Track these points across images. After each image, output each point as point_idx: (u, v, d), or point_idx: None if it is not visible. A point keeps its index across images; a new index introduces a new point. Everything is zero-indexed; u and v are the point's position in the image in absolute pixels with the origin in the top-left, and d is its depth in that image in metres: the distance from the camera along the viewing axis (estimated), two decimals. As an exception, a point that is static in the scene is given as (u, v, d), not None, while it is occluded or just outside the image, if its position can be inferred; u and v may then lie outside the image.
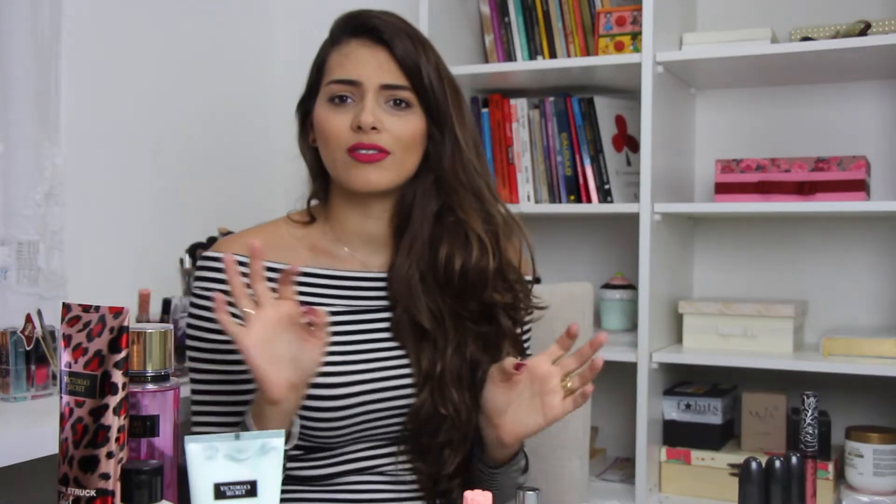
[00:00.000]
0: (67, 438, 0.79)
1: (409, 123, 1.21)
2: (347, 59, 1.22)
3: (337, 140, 1.19)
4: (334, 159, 1.21)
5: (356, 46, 1.22)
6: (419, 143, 1.23)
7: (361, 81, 1.19)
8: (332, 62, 1.23)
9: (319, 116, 1.22)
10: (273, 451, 0.73)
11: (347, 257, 1.27)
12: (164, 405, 0.85)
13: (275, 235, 1.26)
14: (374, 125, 1.17)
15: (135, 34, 2.15)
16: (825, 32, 2.07)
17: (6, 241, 1.81)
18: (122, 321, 0.79)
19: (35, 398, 1.60)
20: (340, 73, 1.21)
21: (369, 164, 1.18)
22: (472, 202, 1.24)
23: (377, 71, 1.20)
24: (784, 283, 2.25)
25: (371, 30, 1.21)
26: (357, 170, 1.19)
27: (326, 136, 1.21)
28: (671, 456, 2.09)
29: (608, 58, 2.12)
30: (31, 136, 1.83)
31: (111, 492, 0.77)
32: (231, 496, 0.72)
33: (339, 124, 1.19)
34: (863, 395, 2.12)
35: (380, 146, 1.18)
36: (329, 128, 1.20)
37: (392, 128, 1.19)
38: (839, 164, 1.96)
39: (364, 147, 1.18)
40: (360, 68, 1.20)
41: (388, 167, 1.19)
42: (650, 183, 2.02)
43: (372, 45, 1.21)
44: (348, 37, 1.23)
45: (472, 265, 1.21)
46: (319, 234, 1.28)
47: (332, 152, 1.21)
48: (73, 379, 0.80)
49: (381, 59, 1.21)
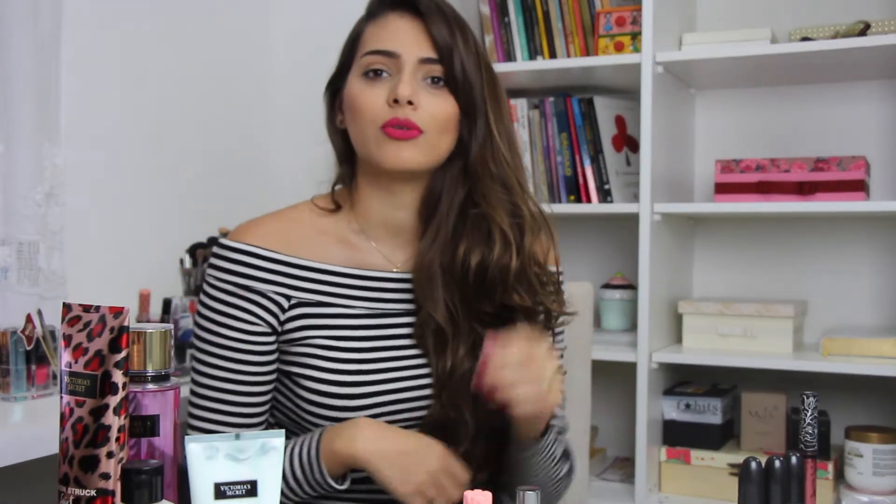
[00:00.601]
0: (68, 438, 0.79)
1: (445, 103, 1.16)
2: (385, 30, 1.17)
3: (371, 115, 1.14)
4: (366, 136, 1.15)
5: (394, 18, 1.17)
6: (453, 126, 1.17)
7: (399, 53, 1.15)
8: (368, 34, 1.19)
9: (352, 91, 1.17)
10: (273, 450, 0.73)
11: (372, 252, 1.22)
12: (164, 405, 0.85)
13: (297, 224, 1.21)
14: (410, 98, 1.12)
15: (135, 34, 2.15)
16: (825, 32, 2.07)
17: (6, 241, 1.81)
18: (122, 321, 0.79)
19: (35, 398, 1.60)
20: (377, 43, 1.16)
21: (402, 140, 1.13)
22: (500, 193, 1.18)
23: (416, 43, 1.15)
24: (784, 283, 2.25)
25: (410, 3, 1.17)
26: (389, 146, 1.13)
27: (359, 110, 1.15)
28: (671, 456, 2.09)
29: (608, 58, 2.12)
30: (31, 136, 1.83)
31: (111, 492, 0.77)
32: (231, 496, 0.72)
33: (373, 99, 1.14)
34: (862, 395, 2.12)
35: (414, 123, 1.13)
36: (362, 102, 1.15)
37: (428, 105, 1.14)
38: (839, 164, 1.96)
39: (399, 123, 1.13)
40: (398, 39, 1.15)
41: (422, 146, 1.14)
42: (650, 183, 2.03)
43: (411, 17, 1.17)
44: (386, 9, 1.19)
45: (493, 262, 1.16)
46: (344, 223, 1.23)
47: (363, 128, 1.15)
48: (74, 379, 0.80)
49: (419, 33, 1.16)
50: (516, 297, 1.17)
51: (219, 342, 1.16)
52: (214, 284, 1.18)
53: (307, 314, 1.17)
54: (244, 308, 1.16)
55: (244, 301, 1.16)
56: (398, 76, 1.14)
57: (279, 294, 1.17)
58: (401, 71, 1.14)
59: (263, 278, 1.16)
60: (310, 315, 1.17)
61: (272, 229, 1.20)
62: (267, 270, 1.17)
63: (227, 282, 1.16)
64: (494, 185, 1.18)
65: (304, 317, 1.17)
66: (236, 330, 1.16)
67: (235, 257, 1.17)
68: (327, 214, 1.23)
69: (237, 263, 1.16)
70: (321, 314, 1.18)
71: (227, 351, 1.16)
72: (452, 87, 1.16)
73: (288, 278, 1.17)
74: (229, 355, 1.16)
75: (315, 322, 1.17)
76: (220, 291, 1.17)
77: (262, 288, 1.16)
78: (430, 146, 1.15)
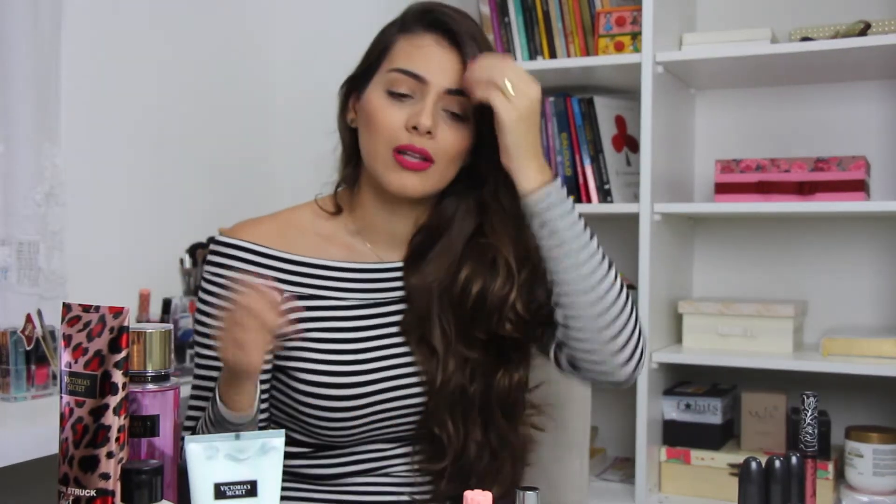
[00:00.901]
0: (67, 438, 0.79)
1: (459, 137, 1.16)
2: (419, 51, 1.16)
3: (387, 134, 1.14)
4: (377, 153, 1.16)
5: (430, 42, 1.16)
6: (462, 157, 1.19)
7: (428, 80, 1.15)
8: (400, 50, 1.17)
9: (372, 104, 1.17)
10: (273, 450, 0.73)
11: (366, 251, 1.24)
12: (164, 405, 0.85)
13: (294, 224, 1.23)
14: (430, 129, 1.13)
15: (135, 34, 2.15)
16: (825, 32, 2.07)
17: (6, 241, 1.81)
18: (122, 321, 0.79)
19: (35, 398, 1.60)
20: (408, 63, 1.16)
21: (411, 171, 1.14)
22: (511, 228, 1.19)
23: (446, 73, 1.15)
24: (784, 283, 2.25)
25: (447, 29, 1.17)
26: (397, 173, 1.15)
27: (376, 128, 1.16)
28: (671, 456, 2.09)
29: (608, 58, 2.12)
30: (31, 136, 1.83)
31: (111, 492, 0.77)
32: (231, 496, 0.72)
33: (393, 119, 1.14)
34: (862, 395, 2.12)
35: (428, 153, 1.14)
36: (381, 120, 1.15)
37: (444, 138, 1.15)
38: (839, 164, 1.96)
39: (413, 151, 1.14)
40: (429, 65, 1.15)
41: (429, 177, 1.16)
42: (650, 183, 2.03)
43: (446, 45, 1.16)
44: (422, 29, 1.18)
45: (493, 292, 1.17)
46: (342, 225, 1.25)
47: (376, 146, 1.16)
48: (74, 379, 0.80)
49: (451, 62, 1.16)
50: (509, 328, 1.19)
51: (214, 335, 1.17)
52: (209, 279, 1.20)
53: (300, 307, 1.18)
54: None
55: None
56: (422, 102, 1.14)
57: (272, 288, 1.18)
58: (425, 97, 1.14)
59: (258, 273, 1.17)
60: (303, 308, 1.18)
61: (268, 227, 1.22)
62: (259, 265, 1.19)
63: (221, 276, 1.17)
64: (506, 219, 1.19)
65: (298, 310, 1.17)
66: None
67: (229, 252, 1.19)
68: (328, 217, 1.25)
69: (231, 258, 1.19)
70: (314, 307, 1.19)
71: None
72: (478, 118, 1.16)
73: (280, 273, 1.19)
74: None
75: (309, 314, 1.19)
76: (214, 286, 1.18)
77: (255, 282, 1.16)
78: (438, 176, 1.17)
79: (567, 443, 1.44)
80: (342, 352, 1.18)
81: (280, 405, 1.21)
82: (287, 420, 1.21)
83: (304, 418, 1.17)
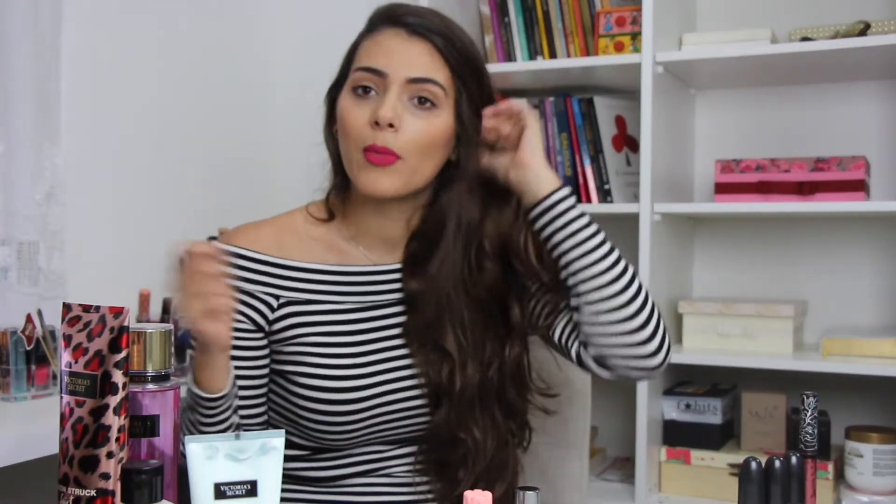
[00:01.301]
0: (68, 438, 0.79)
1: (430, 125, 1.14)
2: (378, 46, 1.16)
3: (355, 136, 1.14)
4: (349, 157, 1.16)
5: (390, 35, 1.16)
6: (440, 148, 1.17)
7: (387, 73, 1.13)
8: (363, 49, 1.18)
9: (341, 107, 1.17)
10: (273, 450, 0.73)
11: (360, 257, 1.24)
12: (164, 405, 0.85)
13: (289, 230, 1.23)
14: (391, 121, 1.11)
15: (135, 34, 2.15)
16: (825, 32, 2.07)
17: (6, 241, 1.81)
18: (122, 321, 0.79)
19: (35, 398, 1.60)
20: (367, 59, 1.16)
21: (379, 167, 1.12)
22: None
23: (407, 63, 1.14)
24: (784, 283, 2.25)
25: (408, 22, 1.16)
26: (367, 172, 1.13)
27: (345, 130, 1.16)
28: (671, 456, 2.09)
29: (608, 58, 2.12)
30: (31, 136, 1.83)
31: (111, 492, 0.77)
32: (231, 496, 0.72)
33: (357, 118, 1.14)
34: (862, 395, 2.12)
35: (390, 149, 1.12)
36: (348, 121, 1.15)
37: (410, 128, 1.13)
38: (839, 164, 1.96)
39: (376, 149, 1.12)
40: (388, 58, 1.14)
41: (399, 172, 1.13)
42: (650, 183, 2.03)
43: (407, 35, 1.15)
44: (381, 25, 1.18)
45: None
46: (335, 231, 1.24)
47: (348, 148, 1.16)
48: (74, 379, 0.80)
49: (414, 51, 1.15)
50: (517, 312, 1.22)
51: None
52: None
53: (297, 312, 1.18)
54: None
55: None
56: (384, 95, 1.13)
57: (268, 294, 1.18)
58: (387, 90, 1.13)
59: (252, 279, 1.18)
60: (300, 313, 1.18)
61: (263, 233, 1.22)
62: (255, 272, 1.18)
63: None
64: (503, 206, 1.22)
65: (295, 315, 1.18)
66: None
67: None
68: (320, 224, 1.24)
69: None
70: (311, 311, 1.19)
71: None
72: (458, 102, 1.16)
73: (277, 279, 1.19)
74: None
75: (306, 319, 1.18)
76: None
77: (250, 288, 1.17)
78: (409, 171, 1.14)
79: (567, 443, 1.44)
80: (340, 356, 1.17)
81: (278, 409, 1.20)
82: (285, 423, 1.20)
83: (302, 422, 1.17)
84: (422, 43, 1.15)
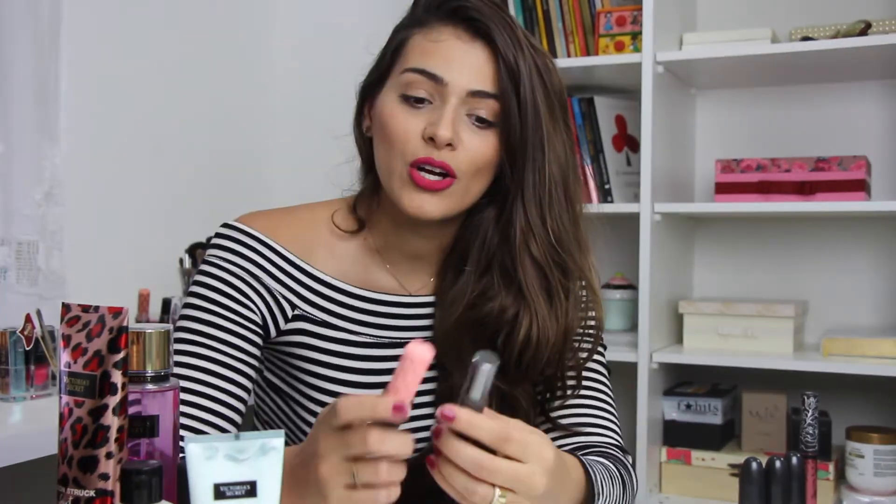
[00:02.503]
0: (67, 439, 0.79)
1: (487, 144, 1.00)
2: (436, 47, 1.00)
3: (402, 146, 0.99)
4: (391, 169, 1.01)
5: (448, 35, 1.00)
6: (491, 168, 1.02)
7: (447, 81, 0.99)
8: (415, 46, 1.02)
9: (385, 111, 1.02)
10: (273, 451, 0.73)
11: (384, 275, 1.11)
12: (163, 405, 0.85)
13: (310, 229, 1.10)
14: (450, 141, 0.97)
15: (135, 34, 2.15)
16: (825, 32, 2.07)
17: (6, 241, 1.81)
18: (121, 321, 0.79)
19: (34, 398, 1.60)
20: (424, 62, 1.00)
21: (429, 191, 0.99)
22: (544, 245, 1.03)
23: (469, 73, 0.99)
24: (784, 283, 2.25)
25: (468, 17, 1.00)
26: (413, 193, 0.99)
27: (390, 139, 1.00)
28: (671, 456, 2.09)
29: (608, 58, 2.12)
30: (31, 136, 1.83)
31: (111, 492, 0.77)
32: (231, 496, 0.72)
33: (407, 128, 0.99)
34: (863, 395, 2.12)
35: (449, 167, 0.98)
36: (394, 128, 1.00)
37: (469, 146, 0.99)
38: (839, 164, 1.96)
39: (431, 165, 0.98)
40: (449, 64, 0.99)
41: (451, 195, 1.00)
42: (650, 183, 2.02)
43: (469, 38, 1.00)
44: (439, 20, 1.02)
45: (523, 338, 1.01)
46: (360, 240, 1.11)
47: (390, 159, 1.01)
48: (73, 379, 0.80)
49: (475, 59, 1.00)
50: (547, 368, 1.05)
51: (205, 318, 1.03)
52: (215, 263, 1.06)
53: (308, 332, 1.07)
54: (244, 293, 1.04)
55: (247, 287, 1.05)
56: (441, 108, 0.99)
57: (286, 299, 1.06)
58: (445, 102, 0.99)
59: (275, 275, 1.06)
60: (311, 334, 1.07)
61: (286, 225, 1.09)
62: (280, 269, 1.06)
63: (233, 263, 1.05)
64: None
65: (305, 334, 1.07)
66: (228, 310, 1.03)
67: (246, 241, 1.06)
68: (347, 237, 1.11)
69: (251, 250, 1.06)
70: (323, 336, 1.08)
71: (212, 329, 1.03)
72: (506, 121, 1.00)
73: (298, 285, 1.07)
74: (214, 333, 1.03)
75: (316, 344, 1.07)
76: (224, 272, 1.05)
77: (272, 285, 1.05)
78: (461, 193, 1.01)
79: (567, 443, 1.44)
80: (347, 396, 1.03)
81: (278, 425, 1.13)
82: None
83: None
84: (484, 47, 1.00)
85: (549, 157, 1.02)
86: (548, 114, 1.02)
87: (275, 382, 1.12)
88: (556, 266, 1.03)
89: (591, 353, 1.11)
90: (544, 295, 1.03)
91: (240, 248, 1.06)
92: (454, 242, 1.10)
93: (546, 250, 1.03)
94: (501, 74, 0.99)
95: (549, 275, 1.03)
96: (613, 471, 1.02)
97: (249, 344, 1.05)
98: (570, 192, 1.06)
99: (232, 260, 1.05)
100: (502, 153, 1.02)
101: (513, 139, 1.00)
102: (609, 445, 1.11)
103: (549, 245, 1.03)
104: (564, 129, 1.05)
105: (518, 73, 0.99)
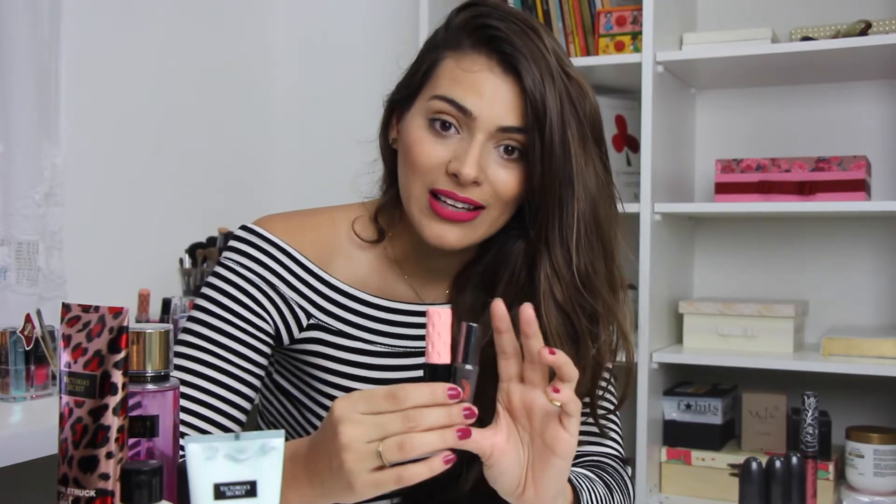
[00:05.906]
0: (67, 438, 0.79)
1: (514, 178, 0.98)
2: (468, 77, 0.98)
3: (423, 173, 0.98)
4: (411, 193, 1.00)
5: (481, 67, 0.98)
6: (518, 199, 1.00)
7: (476, 115, 0.97)
8: (446, 72, 1.00)
9: (411, 134, 1.00)
10: (273, 451, 0.73)
11: (401, 285, 1.10)
12: (163, 405, 0.85)
13: (329, 235, 1.09)
14: (476, 179, 0.96)
15: (135, 34, 2.15)
16: (825, 32, 2.07)
17: (6, 241, 1.81)
18: (121, 321, 0.79)
19: (34, 398, 1.60)
20: (453, 91, 0.98)
21: (451, 222, 0.98)
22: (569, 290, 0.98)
23: (499, 107, 0.97)
24: (784, 283, 2.25)
25: (501, 50, 0.97)
26: (433, 223, 0.99)
27: (412, 163, 0.99)
28: (671, 456, 2.09)
29: (608, 58, 2.12)
30: (31, 136, 1.83)
31: (111, 492, 0.77)
32: (231, 496, 0.72)
33: (431, 157, 0.98)
34: (863, 395, 2.12)
35: (474, 202, 0.97)
36: (418, 156, 0.98)
37: (495, 180, 0.98)
38: (839, 164, 1.96)
39: (453, 199, 0.97)
40: (480, 97, 0.97)
41: (476, 226, 0.99)
42: (650, 183, 2.02)
43: (501, 72, 0.98)
44: (473, 48, 0.99)
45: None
46: (380, 249, 1.10)
47: (412, 183, 1.00)
48: (73, 379, 0.80)
49: (506, 93, 0.97)
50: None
51: (214, 324, 1.02)
52: (230, 267, 1.05)
53: (323, 341, 1.07)
54: (258, 301, 1.04)
55: (262, 295, 1.04)
56: (468, 142, 0.97)
57: (301, 308, 1.05)
58: (472, 136, 0.97)
59: (292, 283, 1.05)
60: (326, 343, 1.07)
61: (309, 235, 1.08)
62: (297, 277, 1.05)
63: (250, 270, 1.04)
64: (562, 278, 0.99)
65: (319, 343, 1.07)
66: (239, 317, 1.03)
67: (269, 249, 1.05)
68: (367, 247, 1.09)
69: (269, 256, 1.05)
70: (339, 345, 1.07)
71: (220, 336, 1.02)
72: (532, 155, 0.97)
73: (315, 294, 1.06)
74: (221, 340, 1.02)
75: (330, 353, 1.07)
76: (239, 277, 1.04)
77: (288, 293, 1.05)
78: (488, 223, 1.00)
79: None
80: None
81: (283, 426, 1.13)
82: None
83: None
84: (516, 81, 0.97)
85: (579, 193, 0.99)
86: (579, 143, 0.99)
87: (284, 386, 1.12)
88: (582, 311, 0.99)
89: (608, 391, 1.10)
90: (569, 342, 0.98)
91: (258, 253, 1.05)
92: (475, 257, 1.08)
93: (572, 295, 0.99)
94: (528, 112, 0.97)
95: (576, 321, 0.99)
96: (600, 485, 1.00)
97: (257, 353, 1.04)
98: (602, 228, 1.03)
99: (248, 266, 1.04)
100: (527, 189, 0.99)
101: (535, 180, 0.98)
102: (607, 456, 1.10)
103: (576, 290, 0.99)
104: (597, 155, 1.02)
105: (545, 110, 0.96)
